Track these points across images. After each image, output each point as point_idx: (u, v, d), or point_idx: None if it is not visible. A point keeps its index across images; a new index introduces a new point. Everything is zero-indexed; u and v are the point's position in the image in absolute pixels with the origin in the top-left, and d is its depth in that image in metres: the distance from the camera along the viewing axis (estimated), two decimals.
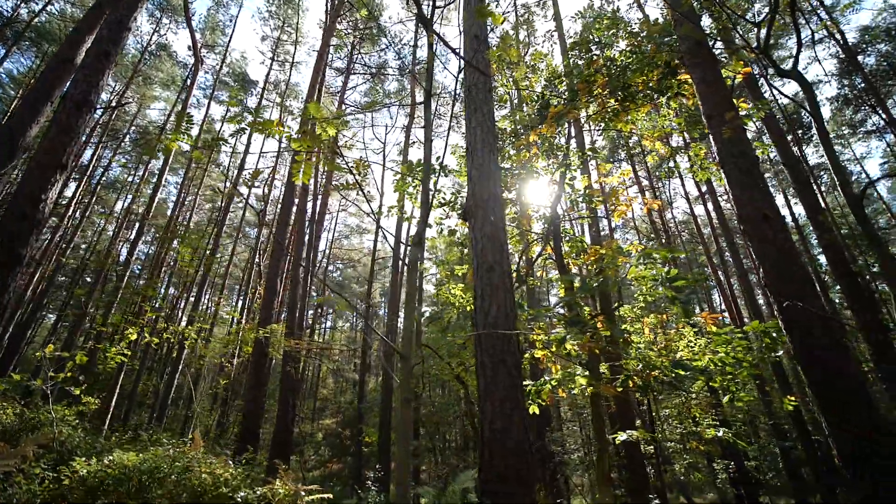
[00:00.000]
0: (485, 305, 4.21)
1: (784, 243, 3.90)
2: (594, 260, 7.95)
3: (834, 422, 3.24)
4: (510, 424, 3.71)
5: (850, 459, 2.99)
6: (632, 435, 6.32)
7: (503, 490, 3.49)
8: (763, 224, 4.00)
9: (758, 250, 4.00)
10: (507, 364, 3.92)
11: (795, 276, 3.70)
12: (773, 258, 3.84)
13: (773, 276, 3.80)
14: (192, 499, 2.73)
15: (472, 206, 4.70)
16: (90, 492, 2.55)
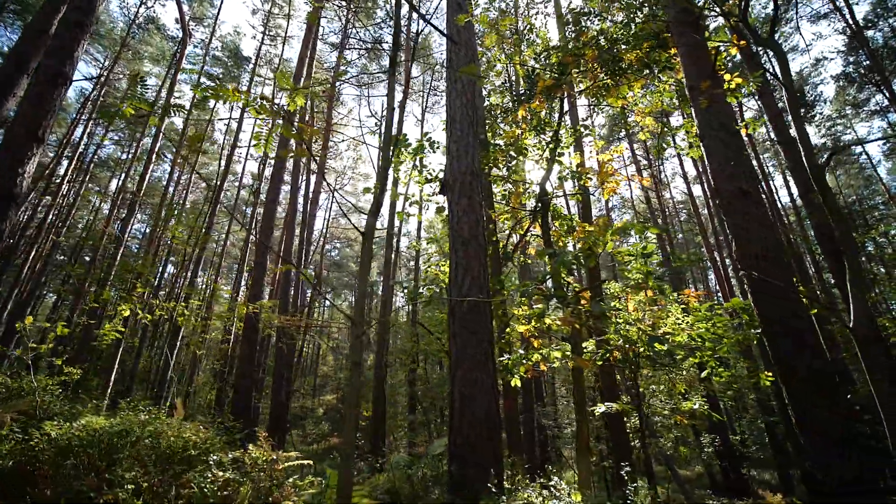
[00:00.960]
0: (458, 278, 4.24)
1: (762, 219, 3.89)
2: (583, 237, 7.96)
3: (808, 403, 3.29)
4: (479, 393, 3.80)
5: (840, 440, 3.03)
6: (610, 407, 6.46)
7: (470, 455, 3.60)
8: (740, 199, 3.98)
9: (732, 225, 4.00)
10: (477, 335, 3.98)
11: (774, 255, 3.71)
12: (747, 233, 3.84)
13: (744, 251, 3.81)
14: (162, 460, 2.83)
15: (450, 180, 4.68)
16: (60, 453, 2.64)
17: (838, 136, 27.53)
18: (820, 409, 3.16)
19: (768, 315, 3.57)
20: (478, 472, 3.49)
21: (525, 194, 9.84)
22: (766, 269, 3.68)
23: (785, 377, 3.39)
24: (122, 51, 21.14)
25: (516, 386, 7.43)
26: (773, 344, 3.54)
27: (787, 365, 3.21)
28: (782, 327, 3.48)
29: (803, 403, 3.27)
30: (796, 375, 3.15)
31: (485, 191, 10.39)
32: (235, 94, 2.49)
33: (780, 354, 3.49)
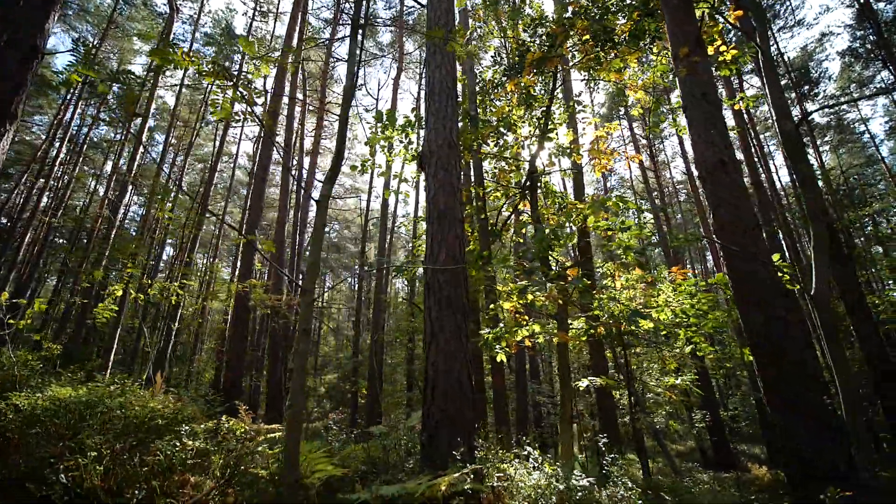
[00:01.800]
0: (434, 252, 4.21)
1: (736, 190, 3.83)
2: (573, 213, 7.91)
3: (801, 387, 3.28)
4: (453, 366, 3.81)
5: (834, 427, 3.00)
6: (594, 381, 6.53)
7: (443, 425, 3.64)
8: (719, 170, 3.91)
9: (710, 196, 3.94)
10: (452, 308, 3.97)
11: (742, 224, 3.66)
12: (725, 204, 3.78)
13: (722, 223, 3.76)
14: (128, 428, 2.87)
15: (427, 153, 4.60)
16: (26, 422, 2.68)
17: (842, 115, 27.04)
18: (814, 394, 3.15)
19: (741, 288, 3.55)
20: (450, 441, 3.54)
21: (516, 171, 9.72)
22: (743, 241, 3.64)
23: (767, 355, 3.38)
24: (109, 28, 20.65)
25: (502, 361, 7.50)
26: (745, 318, 3.53)
27: (773, 344, 3.19)
28: (755, 300, 3.46)
29: (795, 387, 3.26)
30: (786, 357, 3.12)
31: (475, 168, 10.28)
32: (185, 58, 2.41)
33: (754, 327, 3.48)
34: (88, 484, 2.35)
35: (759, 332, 3.39)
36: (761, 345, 3.36)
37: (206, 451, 3.29)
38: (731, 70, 7.52)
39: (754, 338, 3.42)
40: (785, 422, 3.16)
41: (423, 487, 2.45)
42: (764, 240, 3.66)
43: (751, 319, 3.45)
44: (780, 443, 3.15)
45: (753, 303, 3.44)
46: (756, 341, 3.41)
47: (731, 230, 3.68)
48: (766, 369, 3.33)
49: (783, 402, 3.19)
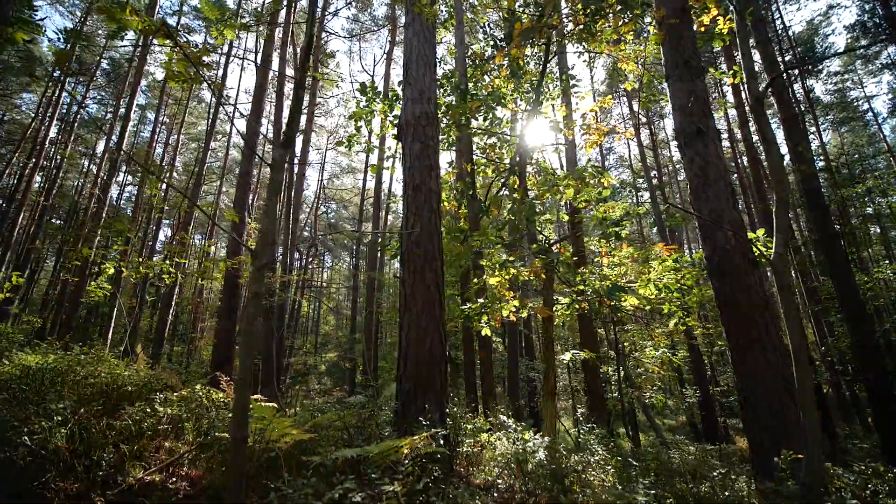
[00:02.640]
0: (409, 224, 4.19)
1: (713, 158, 3.78)
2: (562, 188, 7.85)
3: (735, 342, 3.31)
4: (425, 336, 3.84)
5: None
6: (576, 355, 6.60)
7: (415, 394, 3.70)
8: (696, 139, 3.85)
9: (687, 166, 3.89)
10: (426, 280, 3.98)
11: (716, 192, 3.63)
12: (700, 173, 3.74)
13: (697, 193, 3.73)
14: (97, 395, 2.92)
15: (404, 125, 4.52)
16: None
17: (845, 93, 26.49)
18: (775, 362, 3.18)
19: (712, 257, 3.54)
20: (421, 408, 3.60)
21: (507, 147, 9.60)
22: (716, 211, 3.61)
23: (733, 323, 3.40)
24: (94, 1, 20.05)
25: (488, 336, 7.58)
26: (715, 287, 3.54)
27: (739, 313, 3.20)
28: (725, 269, 3.46)
29: (757, 354, 3.29)
30: (750, 325, 3.13)
31: (465, 143, 10.14)
32: (134, 17, 2.34)
33: (722, 295, 3.48)
34: (52, 446, 2.40)
35: (726, 301, 3.41)
36: (728, 312, 3.38)
37: (180, 418, 3.35)
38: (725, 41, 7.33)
39: (722, 306, 3.43)
40: (746, 388, 3.20)
41: (380, 449, 2.50)
42: (738, 210, 3.63)
43: (720, 288, 3.45)
44: (743, 410, 3.21)
45: (722, 272, 3.44)
46: (724, 309, 3.42)
47: (705, 200, 3.65)
48: (732, 337, 3.36)
49: (746, 369, 3.23)
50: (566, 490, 3.42)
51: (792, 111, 10.88)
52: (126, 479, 2.80)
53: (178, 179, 34.00)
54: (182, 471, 3.11)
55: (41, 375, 2.86)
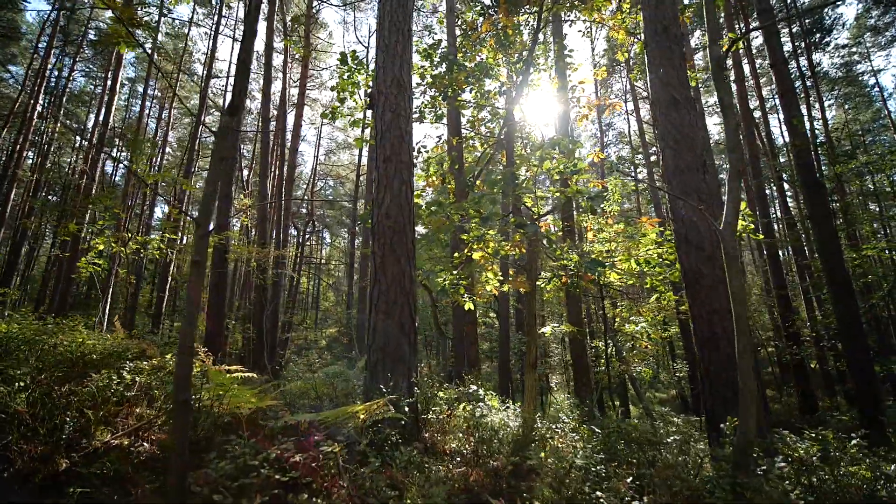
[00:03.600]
0: (379, 196, 4.16)
1: (685, 129, 3.70)
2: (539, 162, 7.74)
3: (696, 312, 3.32)
4: (394, 308, 3.87)
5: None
6: (556, 328, 6.67)
7: (383, 365, 3.76)
8: (671, 108, 3.76)
9: (660, 136, 3.82)
10: (395, 252, 3.98)
11: (687, 163, 3.57)
12: (672, 145, 3.68)
13: (668, 164, 3.67)
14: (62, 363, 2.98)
15: (375, 93, 4.42)
16: None
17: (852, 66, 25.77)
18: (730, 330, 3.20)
19: (679, 229, 3.53)
20: (389, 378, 3.67)
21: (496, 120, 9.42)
22: (686, 183, 3.57)
23: (695, 293, 3.41)
24: None
25: (471, 310, 7.64)
26: (680, 259, 3.53)
27: (700, 283, 3.21)
28: (690, 241, 3.45)
29: (714, 322, 3.31)
30: (709, 295, 3.14)
31: (453, 116, 9.96)
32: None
33: (685, 267, 3.48)
34: (13, 410, 2.46)
35: (690, 272, 3.41)
36: (692, 283, 3.39)
37: (150, 386, 3.42)
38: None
39: (686, 277, 3.44)
40: (705, 359, 3.24)
41: (334, 415, 2.56)
42: (706, 182, 3.59)
43: (685, 259, 3.45)
44: (702, 381, 3.26)
45: (688, 243, 3.43)
46: (688, 280, 3.43)
47: (675, 172, 3.60)
48: (694, 307, 3.38)
49: (704, 336, 3.26)
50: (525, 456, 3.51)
51: (790, 84, 10.62)
52: (92, 442, 2.88)
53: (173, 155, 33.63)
54: (152, 436, 3.20)
55: (3, 343, 2.90)
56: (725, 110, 2.54)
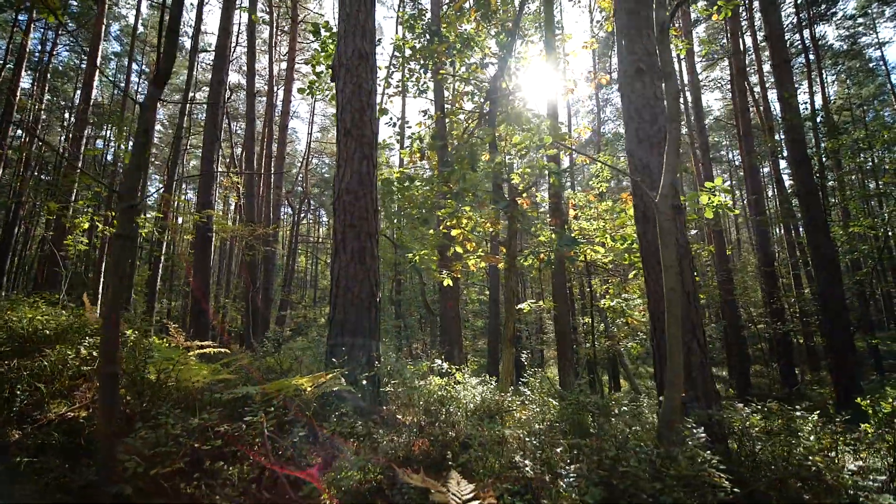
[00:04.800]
0: (340, 172, 4.11)
1: (649, 100, 3.61)
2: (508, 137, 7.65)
3: (650, 287, 3.32)
4: (355, 283, 3.88)
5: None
6: (532, 304, 6.71)
7: (342, 338, 3.79)
8: (635, 78, 3.66)
9: (624, 108, 3.73)
10: (356, 228, 3.95)
11: (648, 136, 3.50)
12: (635, 116, 3.59)
13: (630, 136, 3.60)
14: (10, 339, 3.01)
15: (337, 65, 4.30)
16: None
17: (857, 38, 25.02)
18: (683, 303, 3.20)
19: (638, 204, 3.49)
20: (348, 352, 3.71)
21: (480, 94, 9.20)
22: (646, 155, 3.51)
23: (649, 269, 3.40)
24: None
25: (450, 286, 7.67)
26: (638, 233, 3.51)
27: (654, 258, 3.17)
28: (647, 215, 3.42)
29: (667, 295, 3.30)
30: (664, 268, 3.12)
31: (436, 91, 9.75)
32: None
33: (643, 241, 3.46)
34: None
35: (647, 247, 3.40)
36: (648, 258, 3.38)
37: None
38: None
39: (642, 253, 3.43)
40: (658, 332, 3.27)
41: (276, 387, 2.59)
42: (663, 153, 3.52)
43: (642, 234, 3.43)
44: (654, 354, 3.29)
45: (646, 217, 3.40)
46: (644, 255, 3.42)
47: (637, 143, 3.53)
48: (650, 282, 3.38)
49: (656, 312, 3.28)
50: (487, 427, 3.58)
51: (785, 56, 10.34)
52: (46, 415, 2.93)
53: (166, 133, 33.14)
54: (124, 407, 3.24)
55: None
56: (667, 77, 2.46)
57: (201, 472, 1.89)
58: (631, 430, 2.63)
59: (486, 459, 2.25)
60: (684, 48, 7.98)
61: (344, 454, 2.27)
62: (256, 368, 3.87)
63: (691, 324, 3.15)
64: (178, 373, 2.90)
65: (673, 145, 2.42)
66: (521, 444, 2.53)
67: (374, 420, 3.43)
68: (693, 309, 3.19)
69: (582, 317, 12.81)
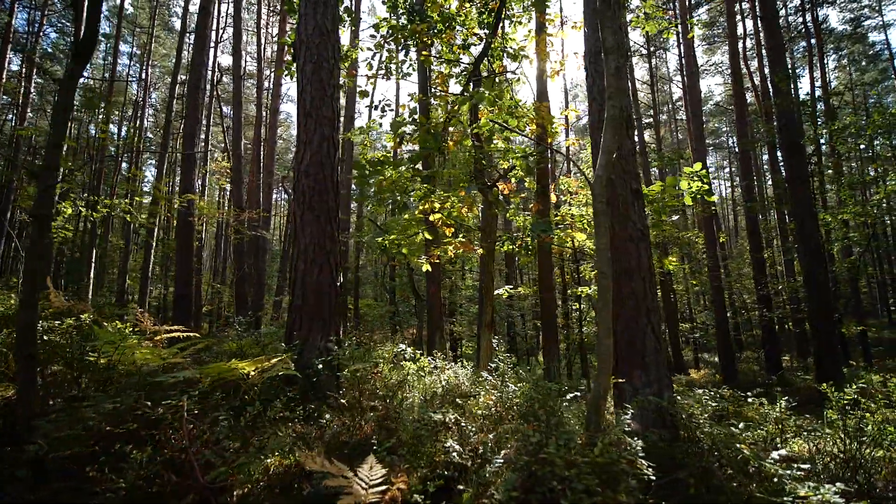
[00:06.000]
0: (300, 153, 4.02)
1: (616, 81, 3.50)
2: None
3: (615, 272, 3.28)
4: (313, 268, 3.83)
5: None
6: (508, 289, 6.68)
7: (300, 323, 3.76)
8: (599, 57, 3.54)
9: (588, 88, 3.62)
10: (315, 211, 3.89)
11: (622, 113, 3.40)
12: (598, 95, 3.49)
13: (594, 116, 3.50)
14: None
15: (297, 43, 4.17)
16: None
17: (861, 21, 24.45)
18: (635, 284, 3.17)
19: None
20: (305, 336, 3.68)
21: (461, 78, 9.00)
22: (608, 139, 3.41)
23: (613, 250, 3.35)
24: None
25: (429, 272, 7.63)
26: None
27: (614, 238, 3.13)
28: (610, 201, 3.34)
29: (622, 279, 3.26)
30: (619, 250, 3.06)
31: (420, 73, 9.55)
32: None
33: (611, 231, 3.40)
34: None
35: None
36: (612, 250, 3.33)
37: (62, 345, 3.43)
38: None
39: None
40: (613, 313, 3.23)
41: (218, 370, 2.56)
42: (629, 137, 3.43)
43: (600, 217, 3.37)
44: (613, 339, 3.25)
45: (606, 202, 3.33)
46: None
47: (598, 126, 3.43)
48: None
49: (617, 298, 3.24)
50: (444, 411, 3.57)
51: (779, 40, 10.09)
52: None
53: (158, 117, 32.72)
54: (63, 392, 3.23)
55: None
56: (607, 55, 2.35)
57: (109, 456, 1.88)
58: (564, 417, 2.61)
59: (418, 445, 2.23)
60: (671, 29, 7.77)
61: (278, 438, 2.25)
62: (216, 353, 3.85)
63: (646, 309, 3.11)
64: (120, 357, 2.87)
65: (611, 124, 2.34)
66: (458, 430, 2.52)
67: (330, 405, 3.42)
68: (649, 294, 3.14)
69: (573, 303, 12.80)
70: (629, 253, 3.19)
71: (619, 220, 3.24)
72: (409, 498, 1.75)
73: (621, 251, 3.21)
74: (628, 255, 3.19)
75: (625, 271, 3.17)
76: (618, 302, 3.22)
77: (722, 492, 1.91)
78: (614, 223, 3.27)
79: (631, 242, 3.19)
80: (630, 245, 3.20)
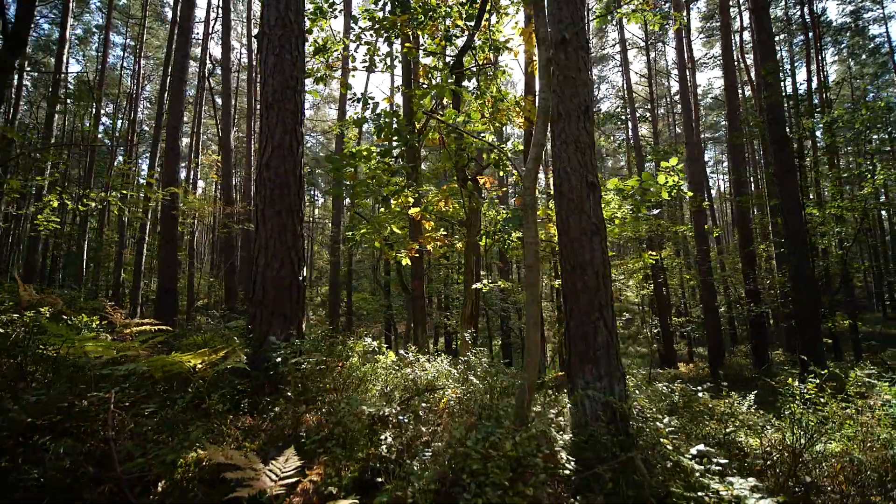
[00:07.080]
0: (262, 146, 4.00)
1: (571, 71, 3.46)
2: None
3: (566, 265, 3.27)
4: (274, 262, 3.82)
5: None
6: (486, 283, 6.68)
7: (260, 318, 3.76)
8: (559, 48, 3.50)
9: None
10: (276, 206, 3.87)
11: (568, 109, 3.37)
12: (557, 86, 3.45)
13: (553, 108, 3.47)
14: None
15: (260, 35, 4.13)
16: None
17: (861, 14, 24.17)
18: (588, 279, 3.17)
19: (557, 181, 3.39)
20: (265, 331, 3.69)
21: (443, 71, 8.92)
22: (567, 128, 3.39)
23: (564, 244, 3.34)
24: None
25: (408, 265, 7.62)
26: (556, 210, 3.42)
27: (568, 234, 3.11)
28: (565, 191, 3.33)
29: (575, 273, 3.24)
30: (574, 244, 3.06)
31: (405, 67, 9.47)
32: None
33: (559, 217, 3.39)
34: None
35: (559, 224, 3.32)
36: (561, 235, 3.31)
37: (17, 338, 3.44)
38: None
39: (558, 230, 3.36)
40: (568, 312, 3.23)
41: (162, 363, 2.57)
42: (587, 130, 3.40)
43: (557, 211, 3.36)
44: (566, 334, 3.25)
45: (560, 194, 3.31)
46: (559, 233, 3.35)
47: (557, 118, 3.41)
48: (563, 260, 3.32)
49: (567, 290, 3.24)
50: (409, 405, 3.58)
51: (768, 31, 9.99)
52: None
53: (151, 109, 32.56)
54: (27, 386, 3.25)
55: None
56: (539, 44, 2.32)
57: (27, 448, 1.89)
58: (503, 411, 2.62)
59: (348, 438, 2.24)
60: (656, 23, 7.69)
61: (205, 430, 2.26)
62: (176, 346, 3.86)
63: (598, 304, 3.10)
64: (69, 350, 2.88)
65: (542, 116, 2.31)
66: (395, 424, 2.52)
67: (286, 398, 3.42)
68: (602, 288, 3.13)
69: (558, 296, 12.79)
70: (583, 247, 3.18)
71: (573, 213, 3.22)
72: (322, 490, 1.76)
73: (576, 245, 3.20)
74: (582, 248, 3.17)
75: (579, 265, 3.16)
76: (572, 296, 3.21)
77: (641, 487, 1.91)
78: (569, 216, 3.25)
79: (585, 236, 3.17)
80: (584, 239, 3.18)
